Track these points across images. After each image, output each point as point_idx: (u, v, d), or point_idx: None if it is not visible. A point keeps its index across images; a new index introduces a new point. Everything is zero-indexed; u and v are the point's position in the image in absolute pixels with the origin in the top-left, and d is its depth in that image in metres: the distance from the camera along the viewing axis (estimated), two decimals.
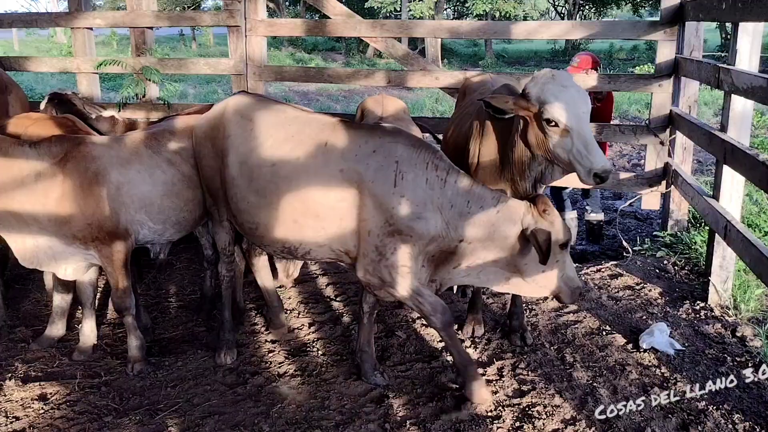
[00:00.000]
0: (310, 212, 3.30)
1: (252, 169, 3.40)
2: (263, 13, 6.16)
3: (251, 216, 3.47)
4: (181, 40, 33.96)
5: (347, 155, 3.24)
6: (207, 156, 3.66)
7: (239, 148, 3.47)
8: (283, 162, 3.31)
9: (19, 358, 3.99)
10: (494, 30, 5.93)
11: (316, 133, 3.33)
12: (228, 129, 3.53)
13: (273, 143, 3.39)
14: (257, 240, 3.61)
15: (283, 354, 4.08)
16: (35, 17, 7.12)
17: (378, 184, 3.20)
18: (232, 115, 3.55)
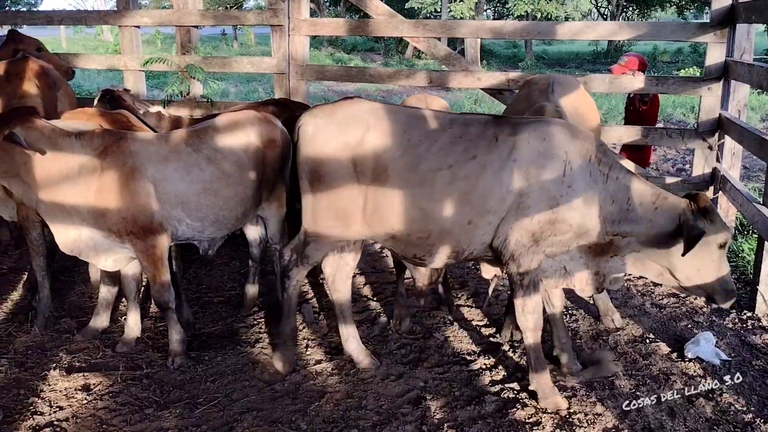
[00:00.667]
0: (484, 210, 3.29)
1: (425, 176, 3.28)
2: (306, 13, 6.20)
3: (423, 224, 3.33)
4: (223, 39, 34.47)
5: (518, 146, 3.25)
6: (341, 175, 3.37)
7: (401, 158, 3.29)
8: (461, 163, 3.26)
9: (64, 348, 4.08)
10: (538, 30, 5.85)
11: (481, 130, 3.31)
12: (380, 143, 3.31)
13: (443, 146, 3.29)
14: (423, 249, 3.43)
15: (321, 352, 4.10)
16: (84, 15, 7.28)
17: (547, 172, 3.24)
18: (378, 127, 3.33)
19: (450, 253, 3.45)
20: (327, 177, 3.41)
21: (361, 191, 3.38)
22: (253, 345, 4.18)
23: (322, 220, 3.52)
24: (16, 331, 4.29)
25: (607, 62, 28.91)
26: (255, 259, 4.59)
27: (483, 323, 4.46)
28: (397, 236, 3.42)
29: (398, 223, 3.37)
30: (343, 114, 3.42)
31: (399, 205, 3.33)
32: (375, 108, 3.43)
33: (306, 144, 3.46)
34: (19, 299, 4.80)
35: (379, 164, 3.31)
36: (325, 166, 3.40)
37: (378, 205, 3.36)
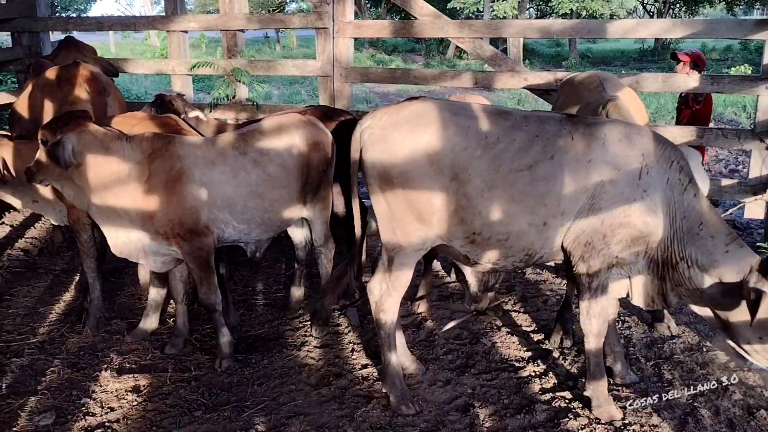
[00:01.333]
0: (559, 211, 3.20)
1: (505, 176, 3.17)
2: (351, 15, 6.19)
3: (504, 226, 3.22)
4: (266, 42, 34.83)
5: (593, 146, 3.17)
6: (421, 176, 3.19)
7: (481, 158, 3.16)
8: (539, 163, 3.16)
9: (115, 349, 4.14)
10: (588, 29, 5.72)
11: (557, 129, 3.21)
12: (457, 142, 3.17)
13: (521, 146, 3.17)
14: (499, 251, 3.31)
15: (367, 357, 4.07)
16: (134, 20, 7.42)
17: (623, 173, 3.15)
18: (453, 124, 3.19)
19: (524, 256, 3.35)
20: (401, 179, 3.23)
21: (438, 191, 3.22)
22: (299, 348, 4.18)
23: (401, 227, 3.33)
24: (69, 332, 4.37)
25: (653, 60, 28.27)
26: (300, 261, 4.60)
27: (531, 329, 4.37)
28: (477, 239, 3.29)
29: (480, 226, 3.24)
30: (412, 113, 3.25)
31: (482, 206, 3.20)
32: (446, 105, 3.30)
33: (374, 147, 3.28)
34: (71, 300, 4.89)
35: (457, 163, 3.17)
36: (398, 168, 3.22)
37: (459, 207, 3.22)
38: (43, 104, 4.73)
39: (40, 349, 4.14)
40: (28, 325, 4.47)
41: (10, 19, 7.13)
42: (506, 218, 3.21)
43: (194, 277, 3.90)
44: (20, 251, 5.87)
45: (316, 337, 4.31)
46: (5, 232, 6.34)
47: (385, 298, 3.47)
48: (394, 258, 3.40)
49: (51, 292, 5.04)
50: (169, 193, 3.68)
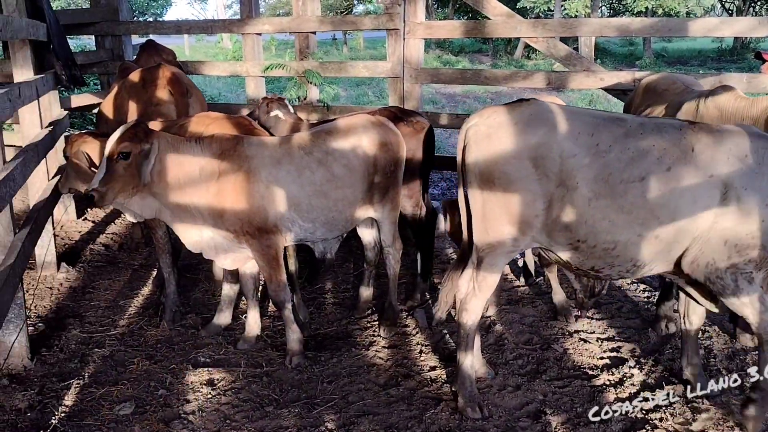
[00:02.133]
0: (673, 225, 3.06)
1: (615, 186, 3.06)
2: (422, 16, 6.18)
3: (612, 235, 3.12)
4: (333, 44, 35.26)
5: (717, 159, 3.01)
6: (524, 179, 3.13)
7: (590, 166, 3.07)
8: (653, 175, 3.03)
9: (190, 343, 4.26)
10: (668, 27, 5.51)
11: (677, 139, 3.06)
12: (567, 148, 3.08)
13: (634, 155, 3.05)
14: (603, 261, 3.24)
15: (435, 359, 4.05)
16: (210, 24, 7.63)
17: (750, 191, 2.98)
18: (563, 128, 3.11)
19: (630, 267, 3.23)
20: (502, 179, 3.17)
21: (542, 196, 3.14)
22: (367, 348, 4.20)
23: (495, 228, 3.27)
24: (147, 324, 4.53)
25: (732, 60, 27.11)
26: (370, 262, 4.62)
27: (605, 336, 4.25)
28: (581, 247, 3.21)
29: (585, 234, 3.16)
30: (522, 114, 3.19)
31: (588, 215, 3.11)
32: (558, 109, 3.21)
33: (478, 145, 3.23)
34: (149, 294, 5.07)
35: (564, 169, 3.08)
36: (500, 168, 3.16)
37: (563, 213, 3.14)
38: (128, 105, 4.92)
39: (120, 341, 4.31)
40: (109, 317, 4.66)
41: (94, 23, 7.45)
42: (614, 228, 3.10)
43: (263, 274, 3.98)
44: (102, 246, 6.12)
45: (384, 337, 4.31)
46: (88, 228, 6.63)
47: (470, 297, 3.43)
48: (483, 259, 3.36)
49: (130, 286, 5.24)
50: (238, 192, 3.75)
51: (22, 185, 3.97)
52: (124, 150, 3.53)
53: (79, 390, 3.72)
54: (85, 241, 6.27)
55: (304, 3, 6.57)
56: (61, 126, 5.82)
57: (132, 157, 3.55)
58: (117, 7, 7.35)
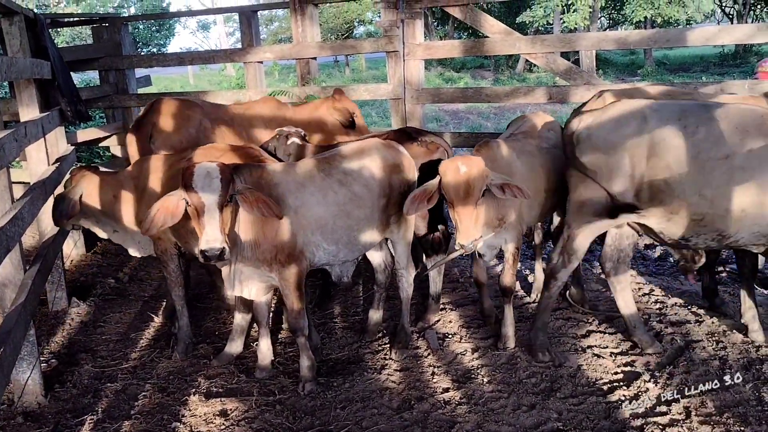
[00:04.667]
0: (758, 200, 3.47)
1: (703, 164, 3.50)
2: (421, 37, 6.23)
3: (700, 208, 3.57)
4: (336, 66, 35.52)
5: None
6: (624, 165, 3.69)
7: (680, 148, 3.54)
8: (737, 154, 3.45)
9: (202, 373, 4.26)
10: (667, 38, 5.53)
11: (758, 122, 3.49)
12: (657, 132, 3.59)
13: (720, 137, 3.48)
14: (692, 229, 3.67)
15: (448, 380, 4.02)
16: (213, 54, 7.72)
17: None
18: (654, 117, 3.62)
19: (716, 236, 3.66)
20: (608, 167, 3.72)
21: (634, 180, 3.68)
22: (379, 372, 4.18)
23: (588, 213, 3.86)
24: (159, 356, 4.53)
25: (735, 65, 27.10)
26: (380, 284, 4.61)
27: (618, 351, 4.22)
28: (673, 219, 3.67)
29: (678, 207, 3.61)
30: (615, 112, 3.74)
31: (680, 190, 3.57)
32: (648, 102, 3.73)
33: (582, 143, 3.78)
34: (160, 326, 5.08)
35: (657, 152, 3.57)
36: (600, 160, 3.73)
37: (656, 192, 3.63)
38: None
39: (132, 374, 4.31)
40: (120, 350, 4.67)
41: (98, 58, 7.55)
42: (703, 202, 3.55)
43: (287, 302, 3.95)
44: (112, 279, 6.15)
45: (395, 360, 4.30)
46: (97, 262, 6.67)
47: (560, 267, 4.04)
48: (576, 236, 3.94)
49: (141, 318, 5.25)
50: (269, 220, 3.72)
51: (30, 223, 4.00)
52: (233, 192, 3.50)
53: (93, 426, 3.72)
54: (95, 274, 6.30)
55: (304, 30, 6.65)
56: (68, 161, 5.88)
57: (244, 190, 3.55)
58: (119, 41, 7.46)
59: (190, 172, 3.44)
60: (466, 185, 3.68)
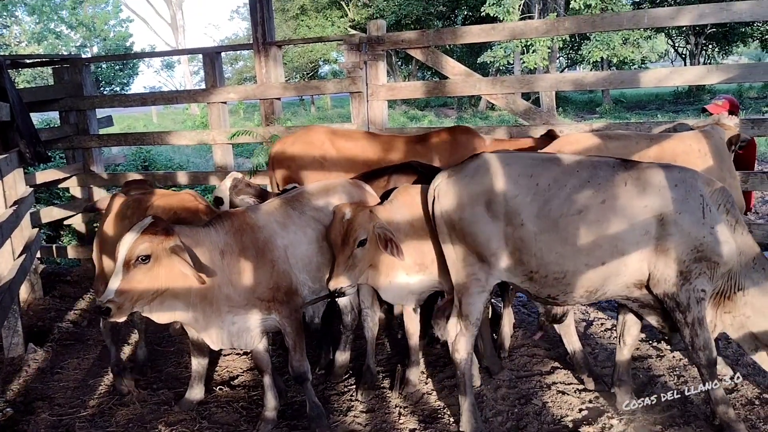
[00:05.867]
0: (617, 251, 3.38)
1: (556, 220, 3.41)
2: (383, 78, 6.32)
3: (559, 266, 3.46)
4: (301, 104, 35.76)
5: (649, 191, 3.37)
6: (478, 221, 3.52)
7: (531, 204, 3.44)
8: (589, 207, 3.38)
9: (163, 420, 4.15)
10: (621, 79, 5.72)
11: (610, 174, 3.43)
12: (510, 189, 3.47)
13: (570, 191, 3.41)
14: (559, 288, 3.54)
15: (414, 420, 3.99)
16: (176, 95, 7.72)
17: (685, 215, 3.33)
18: (508, 176, 3.50)
19: (584, 292, 3.53)
20: (464, 224, 3.55)
21: (497, 233, 3.51)
22: (345, 413, 4.13)
23: (465, 268, 3.64)
24: (117, 403, 4.40)
25: (689, 102, 28.06)
26: (346, 326, 4.57)
27: (581, 388, 4.25)
28: (534, 278, 3.53)
29: (536, 265, 3.48)
30: (471, 167, 3.61)
31: (536, 248, 3.45)
32: (499, 157, 3.61)
33: (441, 199, 3.65)
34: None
35: (510, 209, 3.46)
36: (459, 215, 3.56)
37: (516, 248, 3.49)
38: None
39: (90, 422, 4.17)
40: (78, 398, 4.53)
41: (59, 99, 7.47)
42: (560, 259, 3.43)
43: (289, 343, 3.85)
44: (70, 324, 5.99)
45: (362, 401, 4.25)
46: (55, 306, 6.50)
47: (459, 337, 3.73)
48: (462, 299, 3.69)
49: (100, 363, 5.11)
50: (263, 262, 3.67)
51: None
52: (144, 253, 3.25)
53: None
54: (53, 319, 6.13)
55: (268, 70, 6.70)
56: (26, 204, 5.77)
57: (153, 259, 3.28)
58: (81, 82, 7.40)
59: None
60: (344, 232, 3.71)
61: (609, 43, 23.88)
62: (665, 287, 3.39)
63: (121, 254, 3.25)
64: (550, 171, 3.48)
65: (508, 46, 24.80)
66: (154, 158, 12.98)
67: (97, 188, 7.70)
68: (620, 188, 3.38)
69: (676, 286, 3.37)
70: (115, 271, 3.25)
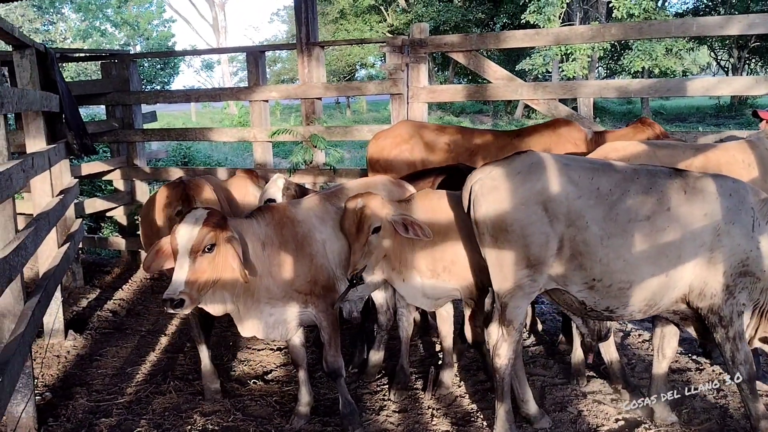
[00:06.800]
0: (678, 261, 3.29)
1: (624, 226, 3.27)
2: (425, 81, 6.33)
3: (626, 275, 3.30)
4: (337, 107, 35.94)
5: (708, 199, 3.29)
6: (534, 222, 3.30)
7: (596, 207, 3.29)
8: (657, 214, 3.27)
9: (198, 410, 4.20)
10: (667, 87, 5.64)
11: (669, 182, 3.34)
12: (572, 190, 3.30)
13: (635, 197, 3.28)
14: (619, 300, 3.38)
15: (447, 423, 3.98)
16: (219, 92, 7.82)
17: (737, 226, 3.27)
18: (567, 176, 3.32)
19: (643, 306, 3.40)
20: (515, 225, 3.34)
21: (553, 236, 3.32)
22: (377, 413, 4.13)
23: (513, 273, 3.43)
24: (154, 392, 4.48)
25: (731, 116, 27.49)
26: (381, 325, 4.58)
27: (617, 397, 4.18)
28: (597, 286, 3.37)
29: (600, 273, 3.32)
30: (523, 163, 3.40)
31: (602, 253, 3.29)
32: (554, 156, 3.45)
33: (486, 198, 3.40)
34: (156, 361, 5.03)
35: (572, 210, 3.28)
36: (512, 215, 3.34)
37: (578, 252, 3.32)
38: None
39: (127, 409, 4.25)
40: (116, 385, 4.61)
41: (105, 93, 7.64)
42: (628, 267, 3.29)
43: (324, 338, 3.87)
44: (109, 312, 6.11)
45: (394, 401, 4.25)
46: (95, 294, 6.63)
47: (501, 343, 3.58)
48: (507, 304, 3.50)
49: (138, 352, 5.20)
50: (303, 255, 3.71)
51: (33, 254, 4.00)
52: (210, 242, 3.29)
53: None
54: (92, 307, 6.26)
55: (310, 70, 6.75)
56: (72, 194, 5.91)
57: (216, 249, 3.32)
58: (127, 77, 7.56)
59: (185, 214, 3.43)
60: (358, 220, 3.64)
61: (651, 53, 23.49)
62: (711, 301, 3.31)
63: (183, 244, 3.25)
64: (609, 176, 3.34)
65: (547, 53, 24.59)
66: (193, 155, 13.20)
67: (139, 182, 7.85)
68: (681, 196, 3.29)
69: (722, 300, 3.29)
70: (180, 262, 3.26)
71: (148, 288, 6.91)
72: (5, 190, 3.35)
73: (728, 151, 4.28)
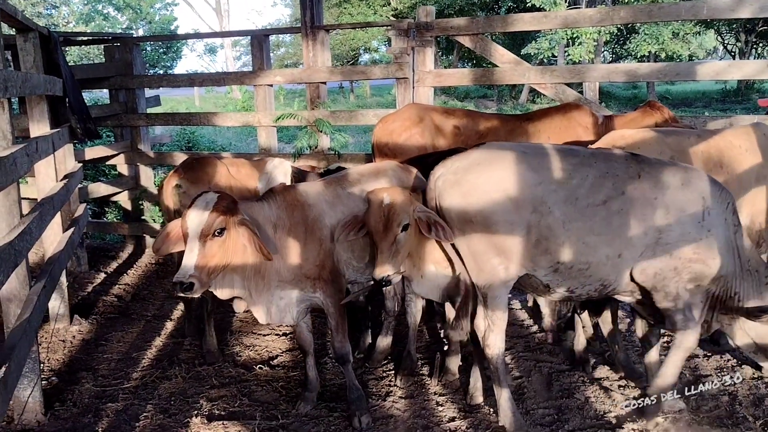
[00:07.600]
0: (630, 244, 3.40)
1: (583, 210, 3.36)
2: (431, 65, 6.26)
3: (586, 256, 3.41)
4: (340, 92, 35.77)
5: (659, 185, 3.40)
6: (496, 211, 3.35)
7: (557, 192, 3.35)
8: (612, 198, 3.37)
9: (204, 395, 4.21)
10: (676, 71, 5.56)
11: (624, 167, 3.43)
12: (533, 177, 3.36)
13: (593, 182, 3.38)
14: (578, 280, 3.48)
15: (454, 409, 3.97)
16: (223, 76, 7.76)
17: (687, 214, 3.38)
18: (527, 163, 3.39)
19: (599, 286, 3.52)
20: (478, 217, 3.39)
21: (518, 223, 3.36)
22: (383, 398, 4.13)
23: (486, 263, 3.47)
24: (160, 377, 4.47)
25: (737, 101, 27.29)
26: (389, 311, 4.56)
27: (624, 384, 4.17)
28: (560, 269, 3.46)
29: (562, 255, 3.41)
30: (481, 156, 3.46)
31: (564, 236, 3.37)
32: (511, 145, 3.54)
33: (449, 192, 3.46)
34: (162, 346, 5.03)
35: (535, 196, 3.34)
36: (473, 208, 3.40)
37: (543, 237, 3.38)
38: None
39: (133, 394, 4.25)
40: (122, 370, 4.61)
41: (109, 77, 7.59)
42: (588, 249, 3.39)
43: (331, 323, 3.87)
44: (114, 297, 6.11)
45: (400, 387, 4.25)
46: (100, 279, 6.63)
47: (488, 333, 3.62)
48: (487, 294, 3.55)
49: (143, 337, 5.20)
50: (312, 239, 3.69)
51: (38, 238, 3.98)
52: (220, 226, 3.29)
53: None
54: (97, 292, 6.26)
55: (315, 54, 6.69)
56: (76, 178, 5.88)
57: (226, 233, 3.32)
58: (131, 61, 7.50)
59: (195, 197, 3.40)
60: (386, 217, 3.49)
61: (658, 38, 23.30)
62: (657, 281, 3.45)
63: (193, 228, 3.25)
64: (567, 161, 3.42)
65: (553, 37, 24.38)
66: (197, 140, 13.16)
67: (143, 166, 7.82)
68: (635, 181, 3.39)
69: (668, 280, 3.43)
70: (189, 246, 3.25)
71: (153, 273, 6.91)
72: (10, 175, 3.32)
73: (725, 137, 4.28)
